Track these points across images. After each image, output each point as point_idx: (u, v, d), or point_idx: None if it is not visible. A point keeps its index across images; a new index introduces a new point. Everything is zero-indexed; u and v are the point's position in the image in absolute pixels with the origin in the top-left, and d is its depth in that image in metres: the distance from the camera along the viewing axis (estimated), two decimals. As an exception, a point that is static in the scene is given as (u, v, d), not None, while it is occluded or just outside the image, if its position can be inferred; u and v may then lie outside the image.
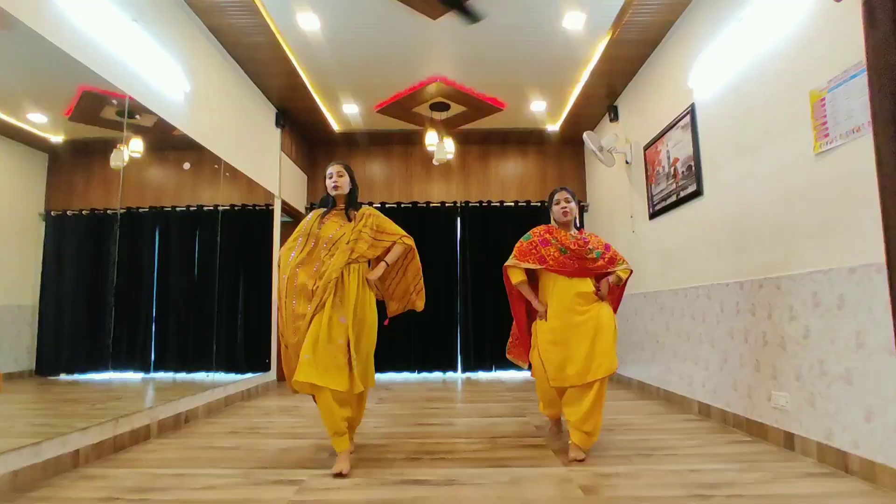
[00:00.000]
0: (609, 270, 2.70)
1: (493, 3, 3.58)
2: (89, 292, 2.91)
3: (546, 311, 2.64)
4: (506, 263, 2.77)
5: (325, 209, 2.62)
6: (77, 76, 2.65)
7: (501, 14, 3.74)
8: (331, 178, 2.59)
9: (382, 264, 2.57)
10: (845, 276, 2.21)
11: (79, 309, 2.88)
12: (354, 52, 4.26)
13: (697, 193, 3.55)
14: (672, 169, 3.94)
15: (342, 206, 2.63)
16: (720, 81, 3.28)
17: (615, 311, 2.73)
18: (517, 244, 2.76)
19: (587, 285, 2.64)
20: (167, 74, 3.34)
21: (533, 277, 2.78)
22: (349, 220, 2.57)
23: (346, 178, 2.60)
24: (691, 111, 3.60)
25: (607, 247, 2.73)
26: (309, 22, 3.80)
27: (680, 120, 3.78)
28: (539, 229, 2.76)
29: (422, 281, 2.77)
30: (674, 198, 3.90)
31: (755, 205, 2.89)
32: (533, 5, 3.63)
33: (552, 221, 2.81)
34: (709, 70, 3.41)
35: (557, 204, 2.74)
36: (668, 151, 4.01)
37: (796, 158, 2.54)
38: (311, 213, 2.62)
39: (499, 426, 3.23)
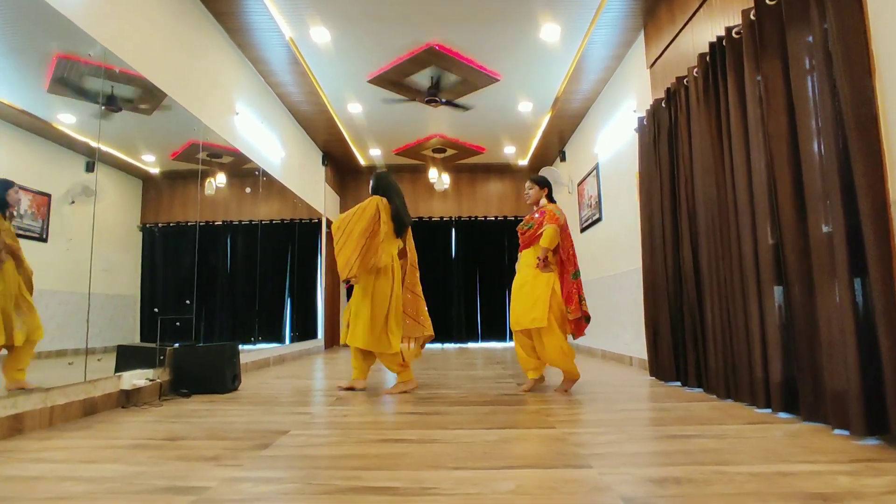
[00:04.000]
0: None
1: (468, 96, 5.68)
2: (177, 284, 3.64)
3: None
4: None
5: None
6: (217, 151, 4.71)
7: (475, 103, 5.85)
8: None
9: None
10: (639, 272, 4.32)
11: (168, 296, 3.62)
12: (382, 121, 6.37)
13: (600, 220, 5.66)
14: (590, 201, 6.05)
15: None
16: (609, 154, 5.39)
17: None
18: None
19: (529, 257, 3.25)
20: (275, 150, 5.46)
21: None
22: None
23: None
24: (597, 168, 5.71)
25: (542, 213, 3.24)
26: (355, 108, 5.92)
27: (592, 172, 5.89)
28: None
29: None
30: (591, 220, 6.01)
31: (622, 228, 5.00)
32: (495, 98, 5.71)
33: None
34: (604, 145, 5.52)
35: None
36: (587, 190, 6.12)
37: (632, 205, 4.65)
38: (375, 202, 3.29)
39: (479, 374, 5.36)
